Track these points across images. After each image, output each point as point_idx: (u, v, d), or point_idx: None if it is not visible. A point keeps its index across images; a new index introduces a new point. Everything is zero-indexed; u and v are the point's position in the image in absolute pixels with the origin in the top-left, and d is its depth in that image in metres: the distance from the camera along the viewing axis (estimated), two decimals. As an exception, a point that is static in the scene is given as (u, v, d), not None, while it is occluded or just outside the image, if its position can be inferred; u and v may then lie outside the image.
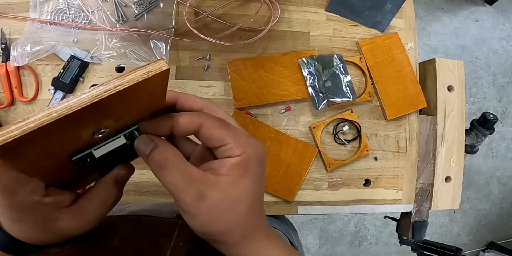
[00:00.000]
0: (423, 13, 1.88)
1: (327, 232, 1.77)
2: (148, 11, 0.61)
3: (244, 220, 0.28)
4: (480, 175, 1.92)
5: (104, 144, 0.26)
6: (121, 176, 0.29)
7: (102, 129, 0.24)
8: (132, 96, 0.23)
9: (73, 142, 0.24)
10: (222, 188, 0.27)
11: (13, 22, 0.59)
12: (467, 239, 1.92)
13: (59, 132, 0.21)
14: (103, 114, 0.23)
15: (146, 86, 0.23)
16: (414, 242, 0.68)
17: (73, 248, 0.29)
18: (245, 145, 0.27)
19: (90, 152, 0.25)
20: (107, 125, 0.24)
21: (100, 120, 0.23)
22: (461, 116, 0.70)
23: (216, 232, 0.28)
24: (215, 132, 0.26)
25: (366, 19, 0.67)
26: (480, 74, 1.92)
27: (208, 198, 0.26)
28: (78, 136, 0.23)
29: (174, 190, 0.26)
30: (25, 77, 0.59)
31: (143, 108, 0.26)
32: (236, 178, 0.27)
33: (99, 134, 0.24)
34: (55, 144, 0.22)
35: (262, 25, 0.64)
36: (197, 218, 0.27)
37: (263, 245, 0.30)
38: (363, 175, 0.66)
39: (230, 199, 0.27)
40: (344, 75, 0.64)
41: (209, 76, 0.62)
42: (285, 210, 0.63)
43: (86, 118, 0.21)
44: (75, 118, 0.20)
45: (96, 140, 0.25)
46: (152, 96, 0.25)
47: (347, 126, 0.65)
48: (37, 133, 0.19)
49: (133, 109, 0.25)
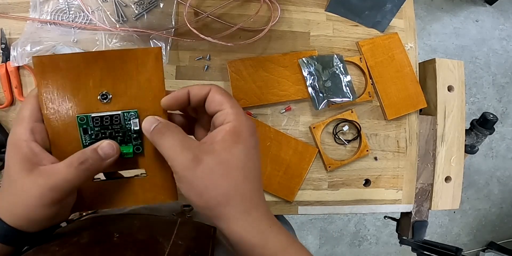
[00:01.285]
0: (423, 13, 1.88)
1: (327, 232, 1.77)
2: (148, 11, 0.61)
3: (241, 190, 0.29)
4: (480, 175, 1.92)
5: (103, 112, 0.31)
6: (102, 145, 0.30)
7: (105, 91, 0.30)
8: (126, 65, 0.30)
9: (83, 96, 0.30)
10: (217, 153, 0.28)
11: (13, 22, 0.59)
12: (467, 239, 1.92)
13: (75, 69, 0.29)
14: (105, 73, 0.30)
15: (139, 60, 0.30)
16: (414, 242, 0.68)
17: (72, 246, 0.29)
18: (239, 113, 0.30)
19: (89, 115, 0.30)
20: (109, 90, 0.30)
21: (104, 80, 0.30)
22: (461, 116, 0.70)
23: (214, 201, 0.28)
24: (218, 96, 0.30)
25: (366, 19, 0.67)
26: (480, 74, 1.92)
27: (204, 161, 0.28)
28: (87, 88, 0.30)
29: (172, 154, 0.28)
30: (25, 77, 0.59)
31: (142, 91, 0.31)
32: (230, 143, 0.29)
33: (104, 98, 0.30)
34: (72, 83, 0.30)
35: (262, 25, 0.64)
36: (194, 185, 0.28)
37: (265, 226, 0.30)
38: (363, 175, 0.66)
39: (225, 165, 0.28)
40: (344, 75, 0.64)
41: (209, 76, 0.62)
42: (285, 210, 0.63)
43: (95, 67, 0.30)
44: (88, 60, 0.29)
45: (101, 109, 0.30)
46: (150, 81, 0.31)
47: (347, 126, 0.65)
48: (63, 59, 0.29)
49: (133, 85, 0.31)
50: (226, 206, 0.28)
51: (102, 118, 0.30)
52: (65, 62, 0.29)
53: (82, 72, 0.30)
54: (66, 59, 0.29)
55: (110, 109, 0.31)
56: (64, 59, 0.29)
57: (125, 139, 0.32)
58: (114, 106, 0.31)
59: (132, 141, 0.32)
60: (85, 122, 0.30)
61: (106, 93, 0.30)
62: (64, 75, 0.29)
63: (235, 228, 0.29)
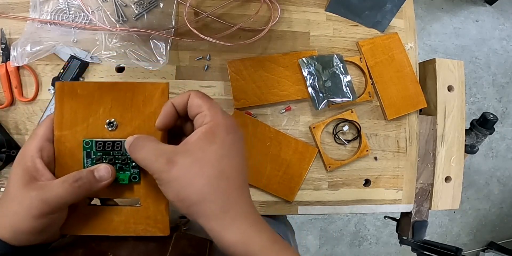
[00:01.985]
0: (423, 13, 1.88)
1: (327, 232, 1.77)
2: (148, 11, 0.61)
3: (216, 187, 0.29)
4: (480, 175, 1.92)
5: (106, 138, 0.32)
6: (99, 168, 0.31)
7: (113, 119, 0.32)
8: (135, 97, 0.33)
9: (92, 122, 0.32)
10: (190, 153, 0.29)
11: (13, 22, 0.59)
12: (467, 239, 1.92)
13: (90, 96, 0.32)
14: (115, 102, 0.32)
15: (148, 93, 0.33)
16: (414, 242, 0.68)
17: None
18: (216, 114, 0.31)
19: (94, 139, 0.32)
20: (117, 119, 0.32)
21: (113, 109, 0.32)
22: (461, 116, 0.70)
23: (191, 199, 0.28)
24: (196, 100, 0.31)
25: (366, 19, 0.67)
26: (480, 74, 1.92)
27: (178, 162, 0.28)
28: (97, 115, 0.32)
29: (148, 163, 0.29)
30: (25, 77, 0.59)
31: (146, 122, 0.33)
32: (203, 143, 0.29)
33: (111, 125, 0.32)
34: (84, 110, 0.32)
35: (262, 25, 0.64)
36: (171, 186, 0.28)
37: (246, 224, 0.30)
38: (363, 175, 0.66)
39: (199, 163, 0.29)
40: (344, 75, 0.64)
41: (209, 76, 0.62)
42: (285, 210, 0.63)
43: (107, 97, 0.32)
44: (102, 89, 0.32)
45: (106, 136, 0.32)
46: (154, 113, 0.33)
47: (347, 126, 0.65)
48: (82, 87, 0.32)
49: (137, 117, 0.33)
50: (202, 204, 0.29)
51: (104, 143, 0.32)
52: (82, 89, 0.32)
53: (95, 100, 0.32)
54: (84, 86, 0.32)
55: (115, 136, 0.33)
56: (82, 86, 0.32)
57: (124, 166, 0.33)
58: (119, 134, 0.33)
59: (130, 169, 0.33)
60: (89, 146, 0.32)
61: (113, 122, 0.32)
62: (79, 101, 0.32)
63: (214, 226, 0.29)
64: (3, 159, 0.55)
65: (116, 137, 0.32)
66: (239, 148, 0.31)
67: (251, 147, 0.61)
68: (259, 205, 0.63)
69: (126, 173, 0.33)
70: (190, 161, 0.29)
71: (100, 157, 0.32)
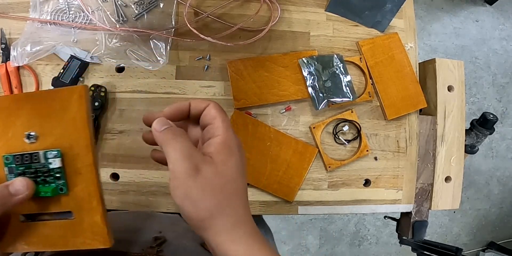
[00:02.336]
0: (423, 13, 1.88)
1: (327, 232, 1.77)
2: (148, 11, 0.61)
3: (233, 204, 0.30)
4: (480, 175, 1.92)
5: (25, 152, 0.31)
6: (14, 182, 0.29)
7: (32, 132, 0.31)
8: (52, 105, 0.31)
9: (11, 136, 0.31)
10: (215, 165, 0.30)
11: (13, 22, 0.59)
12: (467, 239, 1.92)
13: (5, 110, 0.30)
14: (34, 113, 0.31)
15: (64, 98, 0.31)
16: (414, 242, 0.68)
17: None
18: (228, 130, 0.32)
19: (12, 155, 0.31)
20: (37, 130, 0.31)
21: (32, 121, 0.31)
22: (461, 116, 0.70)
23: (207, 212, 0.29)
24: (213, 111, 0.32)
25: (366, 19, 0.67)
26: (480, 74, 1.92)
27: (203, 171, 0.29)
28: (15, 128, 0.31)
29: (177, 158, 0.29)
30: (25, 77, 0.59)
31: (67, 130, 0.31)
32: (225, 156, 0.30)
33: (29, 138, 0.31)
34: (1, 124, 0.31)
35: (262, 25, 0.64)
36: (190, 194, 0.29)
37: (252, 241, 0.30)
38: (363, 175, 0.66)
39: (221, 177, 0.30)
40: (344, 75, 0.64)
41: (209, 76, 0.62)
42: (285, 210, 0.64)
43: (23, 108, 0.31)
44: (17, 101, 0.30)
45: (26, 149, 0.31)
46: (74, 119, 0.31)
47: (347, 126, 0.65)
48: None
49: (59, 124, 0.31)
50: (216, 218, 0.29)
51: (22, 156, 0.31)
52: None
53: (12, 113, 0.31)
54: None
55: (36, 148, 0.31)
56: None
57: (47, 178, 0.31)
58: (40, 145, 0.31)
59: (55, 181, 0.31)
60: (10, 162, 0.31)
61: (31, 133, 0.31)
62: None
63: (223, 240, 0.29)
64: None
65: (37, 149, 0.31)
66: (245, 165, 0.33)
67: (251, 147, 0.61)
68: (259, 205, 0.63)
69: (51, 186, 0.31)
70: (214, 173, 0.29)
71: (22, 172, 0.31)
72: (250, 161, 0.61)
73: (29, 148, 0.31)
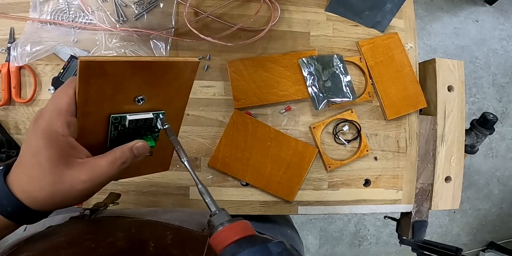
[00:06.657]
0: (423, 13, 1.88)
1: (327, 232, 1.77)
2: (148, 11, 0.61)
3: None
4: (480, 175, 1.92)
5: (136, 114, 0.33)
6: (137, 146, 0.33)
7: (141, 96, 0.32)
8: (167, 74, 0.32)
9: (120, 99, 0.32)
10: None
11: (13, 22, 0.59)
12: (467, 239, 1.92)
13: (121, 76, 0.30)
14: (146, 80, 0.32)
15: (179, 70, 0.33)
16: (414, 242, 0.68)
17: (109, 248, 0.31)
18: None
19: (125, 115, 0.33)
20: (145, 95, 0.33)
21: (143, 86, 0.32)
22: (461, 116, 0.70)
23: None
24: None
25: (366, 19, 0.67)
26: (480, 74, 1.92)
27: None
28: (126, 93, 0.32)
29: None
30: (26, 77, 0.59)
31: (171, 95, 0.34)
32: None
33: (138, 101, 0.33)
34: (113, 88, 0.31)
35: (262, 25, 0.64)
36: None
37: None
38: (363, 175, 0.66)
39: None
40: (344, 75, 0.64)
41: (209, 76, 0.62)
42: (285, 210, 0.63)
43: (138, 75, 0.31)
44: (135, 68, 0.30)
45: (133, 109, 0.33)
46: (180, 87, 0.34)
47: (347, 126, 0.65)
48: (112, 65, 0.29)
49: (165, 91, 0.34)
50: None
51: (137, 121, 0.34)
52: (112, 68, 0.29)
53: (126, 79, 0.31)
54: (115, 65, 0.29)
55: (140, 109, 0.34)
56: (113, 65, 0.29)
57: (147, 132, 0.36)
58: (144, 107, 0.34)
59: (154, 134, 0.37)
60: (118, 121, 0.33)
61: (140, 97, 0.33)
62: (108, 80, 0.30)
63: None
64: (3, 159, 0.55)
65: (142, 110, 0.34)
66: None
67: (251, 147, 0.61)
68: (259, 205, 0.63)
69: (149, 138, 0.36)
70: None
71: (126, 131, 0.34)
72: (250, 161, 0.61)
73: (135, 108, 0.33)
